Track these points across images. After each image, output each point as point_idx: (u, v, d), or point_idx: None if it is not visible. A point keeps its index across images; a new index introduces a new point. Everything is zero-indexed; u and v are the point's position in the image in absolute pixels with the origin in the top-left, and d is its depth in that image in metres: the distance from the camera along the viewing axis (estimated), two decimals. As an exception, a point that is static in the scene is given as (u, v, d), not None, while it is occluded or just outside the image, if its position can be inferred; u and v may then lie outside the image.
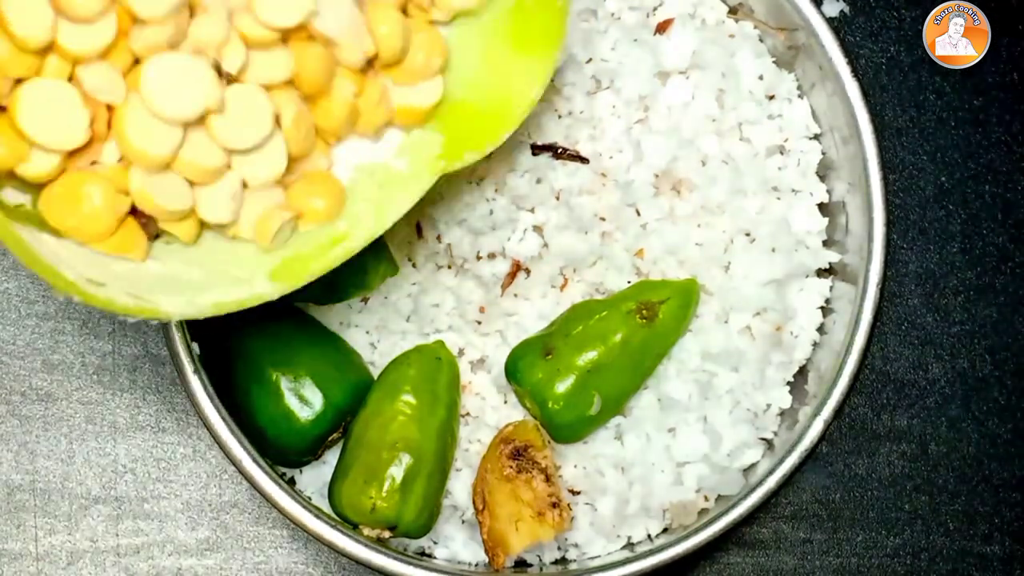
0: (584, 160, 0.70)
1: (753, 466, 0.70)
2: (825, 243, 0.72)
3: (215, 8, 0.58)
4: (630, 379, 0.69)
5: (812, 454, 0.67)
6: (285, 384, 0.69)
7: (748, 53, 0.71)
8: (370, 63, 0.62)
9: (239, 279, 0.61)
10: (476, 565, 0.69)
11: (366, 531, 0.68)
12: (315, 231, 0.62)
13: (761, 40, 0.72)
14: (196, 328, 0.68)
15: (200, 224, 0.61)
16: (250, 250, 0.61)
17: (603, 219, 0.70)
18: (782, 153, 0.72)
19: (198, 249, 0.61)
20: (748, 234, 0.70)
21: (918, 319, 0.81)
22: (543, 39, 0.63)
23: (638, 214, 0.70)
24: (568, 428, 0.68)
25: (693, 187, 0.70)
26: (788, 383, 0.71)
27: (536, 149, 0.70)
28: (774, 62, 0.72)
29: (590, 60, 0.71)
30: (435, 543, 0.70)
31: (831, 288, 0.71)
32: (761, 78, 0.71)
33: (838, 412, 0.67)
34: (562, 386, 0.67)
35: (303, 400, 0.69)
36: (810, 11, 0.68)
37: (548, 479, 0.66)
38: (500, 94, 0.64)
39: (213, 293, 0.60)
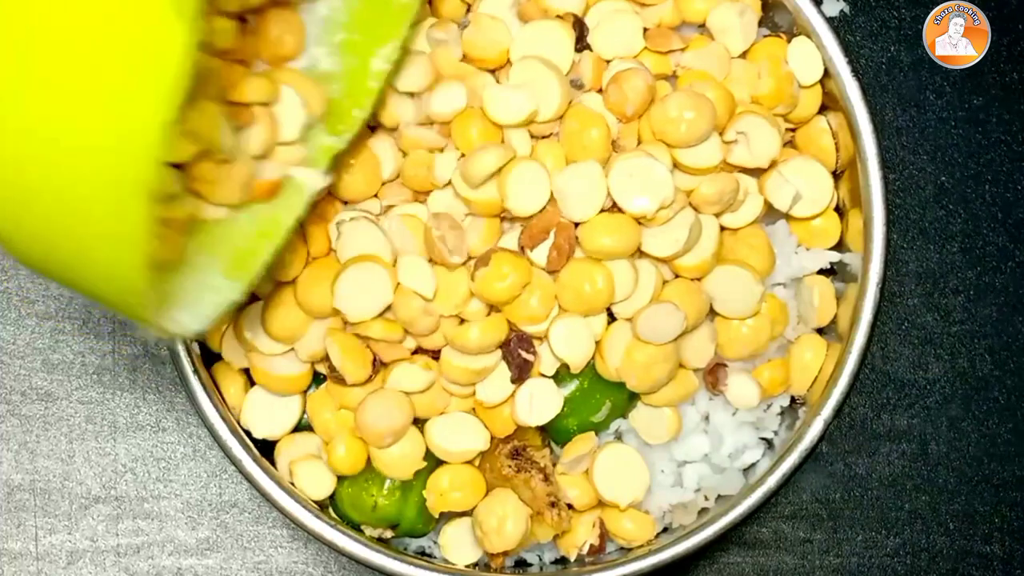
0: None
1: (753, 466, 0.70)
2: (825, 243, 0.72)
3: None
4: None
5: (812, 454, 0.67)
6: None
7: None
8: None
9: (207, 285, 0.59)
10: (476, 565, 0.69)
11: (368, 530, 0.68)
12: (245, 225, 0.60)
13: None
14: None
15: None
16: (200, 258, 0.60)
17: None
18: (782, 152, 0.72)
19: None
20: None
21: (918, 319, 0.81)
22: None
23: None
24: (573, 434, 0.68)
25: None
26: (788, 383, 0.71)
27: None
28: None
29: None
30: (435, 543, 0.70)
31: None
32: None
33: (838, 412, 0.67)
34: (567, 391, 0.67)
35: (303, 400, 0.69)
36: (810, 11, 0.68)
37: (547, 479, 0.66)
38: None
39: (201, 306, 0.58)
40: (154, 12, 0.44)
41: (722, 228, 0.67)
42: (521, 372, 0.65)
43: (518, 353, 0.65)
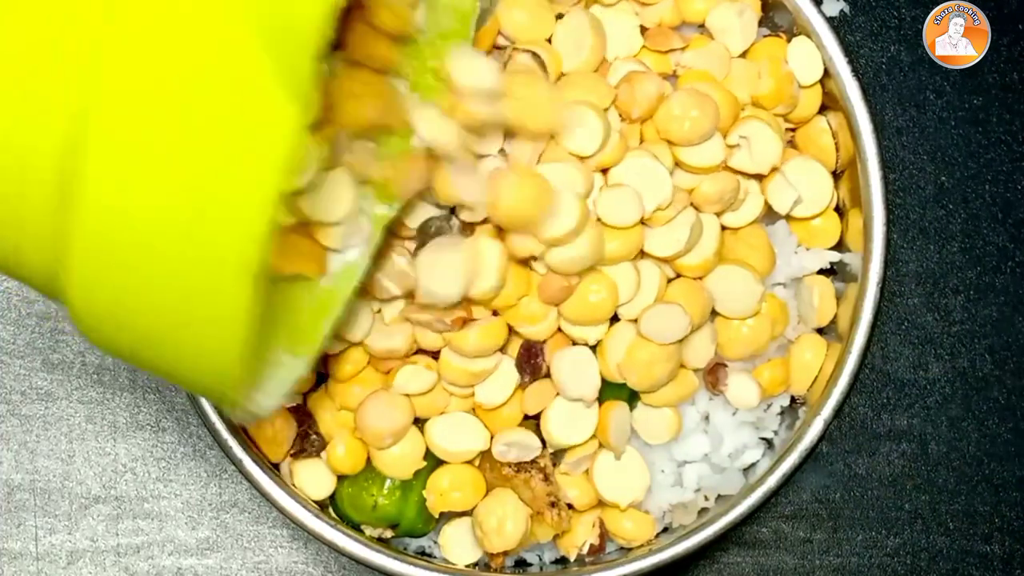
0: None
1: (753, 466, 0.70)
2: (825, 243, 0.72)
3: None
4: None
5: (812, 454, 0.67)
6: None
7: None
8: None
9: (273, 363, 0.58)
10: (476, 565, 0.69)
11: (368, 530, 0.68)
12: (303, 302, 0.60)
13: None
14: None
15: None
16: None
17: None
18: (782, 152, 0.72)
19: None
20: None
21: (918, 319, 0.81)
22: None
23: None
24: None
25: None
26: (788, 383, 0.71)
27: None
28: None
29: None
30: (435, 543, 0.70)
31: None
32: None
33: (838, 411, 0.67)
34: None
35: (303, 400, 0.69)
36: (810, 11, 0.68)
37: (547, 479, 0.66)
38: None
39: (271, 384, 0.57)
40: (266, 94, 0.43)
41: (722, 227, 0.67)
42: (534, 372, 0.65)
43: (530, 361, 0.65)
